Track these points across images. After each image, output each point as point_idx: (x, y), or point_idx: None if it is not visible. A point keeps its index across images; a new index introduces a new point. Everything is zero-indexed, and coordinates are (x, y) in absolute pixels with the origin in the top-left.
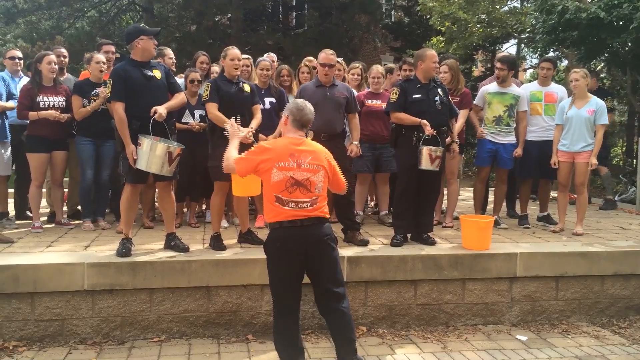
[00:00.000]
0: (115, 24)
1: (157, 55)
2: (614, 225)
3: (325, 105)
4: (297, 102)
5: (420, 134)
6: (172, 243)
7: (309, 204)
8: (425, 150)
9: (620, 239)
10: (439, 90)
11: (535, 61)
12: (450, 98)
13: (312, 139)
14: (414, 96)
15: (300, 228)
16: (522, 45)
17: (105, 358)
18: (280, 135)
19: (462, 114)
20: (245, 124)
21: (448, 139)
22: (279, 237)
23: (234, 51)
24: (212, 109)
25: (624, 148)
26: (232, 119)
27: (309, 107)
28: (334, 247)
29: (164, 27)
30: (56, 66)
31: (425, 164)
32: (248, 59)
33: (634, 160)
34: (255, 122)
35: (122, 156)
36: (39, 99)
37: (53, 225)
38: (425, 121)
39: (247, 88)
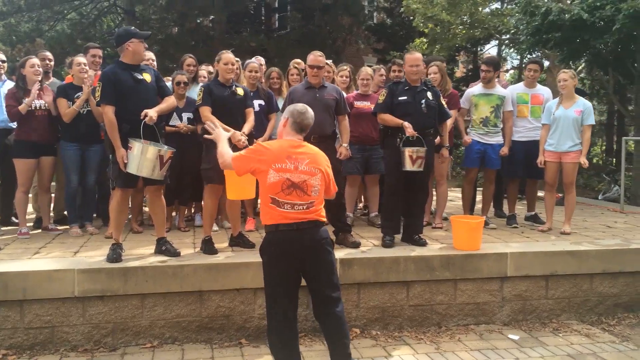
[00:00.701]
0: (96, 26)
1: None
2: (599, 224)
3: (315, 106)
4: (299, 106)
5: (403, 136)
6: (163, 248)
7: (304, 207)
8: (406, 152)
9: (608, 238)
10: (428, 93)
11: (516, 62)
12: (442, 101)
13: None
14: (399, 98)
15: (296, 232)
16: (503, 47)
17: None
18: (270, 138)
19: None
20: (238, 127)
21: (438, 140)
22: (275, 241)
23: (227, 55)
24: (206, 112)
25: (604, 147)
26: (210, 123)
27: (310, 112)
28: (330, 250)
29: (146, 29)
30: (40, 69)
31: (408, 165)
32: (237, 61)
33: (614, 159)
34: (247, 126)
35: (111, 160)
36: (25, 101)
37: (40, 231)
38: (407, 123)
39: (240, 92)
